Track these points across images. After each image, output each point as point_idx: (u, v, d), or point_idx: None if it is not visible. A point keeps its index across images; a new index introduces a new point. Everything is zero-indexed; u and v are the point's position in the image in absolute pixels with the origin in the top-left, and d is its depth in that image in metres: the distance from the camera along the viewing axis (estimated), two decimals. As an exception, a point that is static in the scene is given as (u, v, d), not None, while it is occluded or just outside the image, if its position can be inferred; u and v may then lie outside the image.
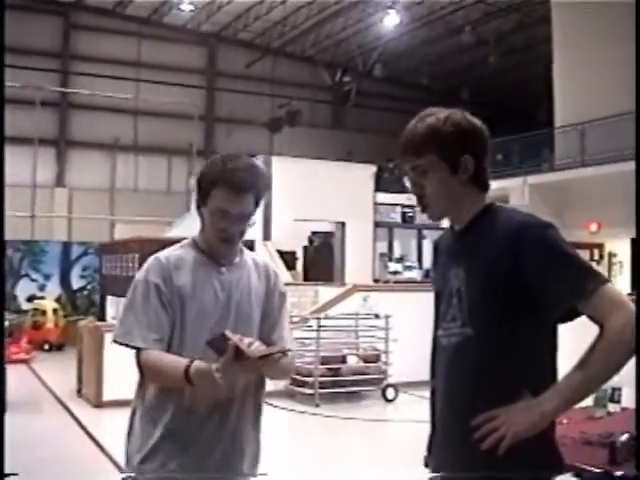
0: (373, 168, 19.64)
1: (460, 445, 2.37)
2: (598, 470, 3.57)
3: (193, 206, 3.20)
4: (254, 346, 2.71)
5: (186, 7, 28.77)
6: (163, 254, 3.03)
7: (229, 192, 2.89)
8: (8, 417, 4.68)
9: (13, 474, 1.92)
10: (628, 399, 4.72)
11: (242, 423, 2.99)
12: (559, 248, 2.29)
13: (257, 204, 3.00)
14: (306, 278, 17.82)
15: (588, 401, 4.67)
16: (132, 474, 2.96)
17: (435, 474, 2.54)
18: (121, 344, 2.94)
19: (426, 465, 2.67)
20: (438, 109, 2.51)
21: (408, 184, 2.53)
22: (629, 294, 14.00)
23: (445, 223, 2.63)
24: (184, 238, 3.18)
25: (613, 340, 2.18)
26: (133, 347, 2.91)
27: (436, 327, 2.58)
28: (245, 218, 2.96)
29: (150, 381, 2.96)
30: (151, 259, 3.02)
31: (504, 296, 2.29)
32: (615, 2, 19.06)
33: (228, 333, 2.70)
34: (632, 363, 2.28)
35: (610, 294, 2.24)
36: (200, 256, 3.02)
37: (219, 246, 2.99)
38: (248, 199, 2.93)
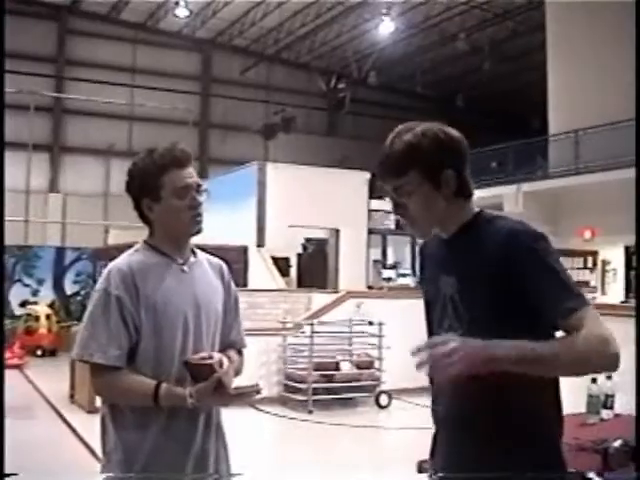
0: (367, 175, 19.64)
1: (465, 449, 2.38)
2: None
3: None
4: (230, 375, 2.75)
5: (181, 13, 28.80)
6: (124, 262, 2.92)
7: (179, 169, 2.91)
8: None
9: (13, 474, 1.92)
10: (621, 405, 4.73)
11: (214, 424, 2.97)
12: (545, 261, 2.27)
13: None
14: (300, 284, 17.81)
15: (581, 407, 4.68)
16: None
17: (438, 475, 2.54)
18: (81, 361, 2.84)
19: (419, 471, 2.66)
20: (413, 124, 2.45)
21: (390, 205, 2.50)
22: (622, 302, 14.03)
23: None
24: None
25: (588, 349, 2.16)
26: (91, 363, 2.80)
27: (430, 334, 2.57)
28: (202, 189, 2.96)
29: (107, 400, 2.89)
30: (112, 268, 2.88)
31: (498, 303, 2.29)
32: (610, 10, 19.13)
33: (213, 362, 2.71)
34: (627, 369, 2.28)
35: (589, 316, 2.22)
36: (160, 257, 2.95)
37: (192, 228, 2.94)
38: (193, 171, 2.96)
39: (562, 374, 2.26)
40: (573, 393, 3.64)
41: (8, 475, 1.97)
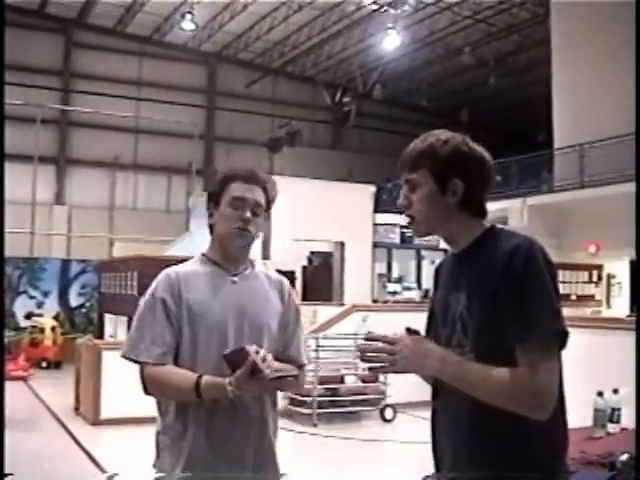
0: (372, 188, 19.65)
1: (472, 461, 2.38)
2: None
3: (192, 225, 3.26)
4: (269, 362, 2.75)
5: (187, 26, 28.86)
6: (173, 269, 3.06)
7: (242, 182, 3.03)
8: (5, 434, 4.67)
9: (10, 474, 1.93)
10: (627, 419, 4.71)
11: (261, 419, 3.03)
12: (536, 280, 2.27)
13: (268, 205, 3.10)
14: (305, 298, 17.77)
15: (588, 421, 4.67)
16: None
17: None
18: (128, 359, 2.96)
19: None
20: (443, 131, 2.54)
21: (400, 197, 2.56)
22: (628, 316, 13.98)
23: (444, 244, 2.64)
24: (185, 257, 3.20)
25: (510, 391, 2.22)
26: (137, 362, 2.93)
27: None
28: (258, 209, 3.04)
29: (154, 395, 2.98)
30: (161, 274, 3.04)
31: (501, 320, 2.28)
32: (615, 24, 19.16)
33: (248, 348, 2.72)
34: (634, 383, 2.28)
35: (548, 357, 2.24)
36: (212, 268, 3.05)
37: (235, 241, 3.02)
38: (259, 191, 3.05)
39: (490, 402, 2.27)
40: (579, 407, 3.64)
41: (7, 475, 1.98)
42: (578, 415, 3.38)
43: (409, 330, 2.43)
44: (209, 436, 2.90)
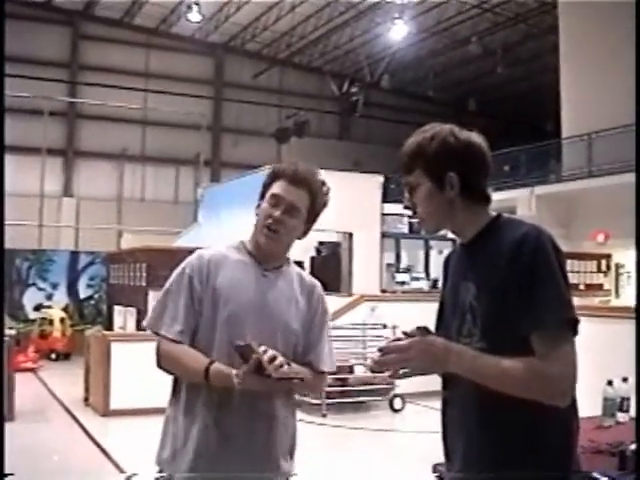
0: (380, 178, 19.60)
1: (484, 451, 2.38)
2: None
3: (200, 216, 3.26)
4: (278, 362, 2.74)
5: (194, 17, 28.83)
6: (207, 250, 3.08)
7: (285, 181, 3.01)
8: (16, 425, 4.69)
9: (11, 474, 1.93)
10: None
11: (275, 413, 3.00)
12: (546, 269, 2.27)
13: (312, 210, 3.09)
14: (313, 288, 17.78)
15: (597, 410, 4.67)
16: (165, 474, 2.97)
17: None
18: (150, 330, 3.01)
19: (435, 474, 2.66)
20: (431, 126, 2.53)
21: (404, 200, 2.58)
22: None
23: (452, 234, 2.65)
24: (193, 248, 3.19)
25: (530, 380, 2.21)
26: (157, 334, 2.97)
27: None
28: (295, 211, 3.01)
29: (165, 370, 2.99)
30: (195, 253, 3.06)
31: (512, 309, 2.28)
32: (622, 12, 19.07)
33: (254, 345, 2.73)
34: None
35: (562, 343, 2.24)
36: (246, 257, 3.06)
37: (260, 237, 3.02)
38: (302, 194, 3.03)
39: (511, 393, 2.27)
40: (589, 396, 3.64)
41: (7, 475, 1.98)
42: (587, 404, 3.38)
43: (420, 328, 2.43)
44: (217, 424, 2.89)
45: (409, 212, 2.59)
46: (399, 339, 2.40)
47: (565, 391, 2.24)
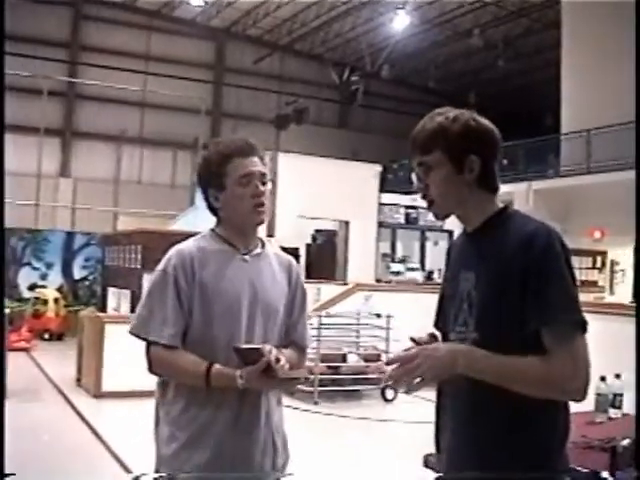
0: (378, 168, 19.63)
1: (471, 445, 2.39)
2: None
3: (198, 200, 3.23)
4: (282, 363, 2.75)
5: (196, 1, 28.76)
6: (185, 245, 2.98)
7: (242, 157, 2.94)
8: (7, 405, 4.68)
9: (11, 474, 1.92)
10: (629, 405, 4.72)
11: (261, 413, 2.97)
12: (556, 268, 2.28)
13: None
14: (308, 276, 17.78)
15: (589, 406, 4.68)
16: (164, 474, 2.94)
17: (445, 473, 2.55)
18: (136, 336, 2.93)
19: (426, 464, 2.67)
20: (449, 108, 2.52)
21: (415, 181, 2.55)
22: (631, 302, 13.99)
23: (448, 225, 2.64)
24: (189, 231, 3.16)
25: (546, 378, 2.22)
26: (147, 340, 2.90)
27: (440, 328, 2.59)
28: (265, 178, 2.99)
29: (158, 375, 2.95)
30: (173, 250, 2.97)
31: (510, 302, 2.28)
32: (626, 8, 19.05)
33: (262, 348, 2.74)
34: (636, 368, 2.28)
35: (575, 340, 2.26)
36: (222, 245, 2.99)
37: (255, 219, 2.98)
38: (257, 160, 2.99)
39: (525, 393, 2.27)
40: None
41: (7, 475, 1.98)
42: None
43: (429, 335, 2.45)
44: (215, 420, 2.88)
45: (417, 199, 2.57)
46: (408, 349, 2.38)
47: (580, 388, 2.24)
